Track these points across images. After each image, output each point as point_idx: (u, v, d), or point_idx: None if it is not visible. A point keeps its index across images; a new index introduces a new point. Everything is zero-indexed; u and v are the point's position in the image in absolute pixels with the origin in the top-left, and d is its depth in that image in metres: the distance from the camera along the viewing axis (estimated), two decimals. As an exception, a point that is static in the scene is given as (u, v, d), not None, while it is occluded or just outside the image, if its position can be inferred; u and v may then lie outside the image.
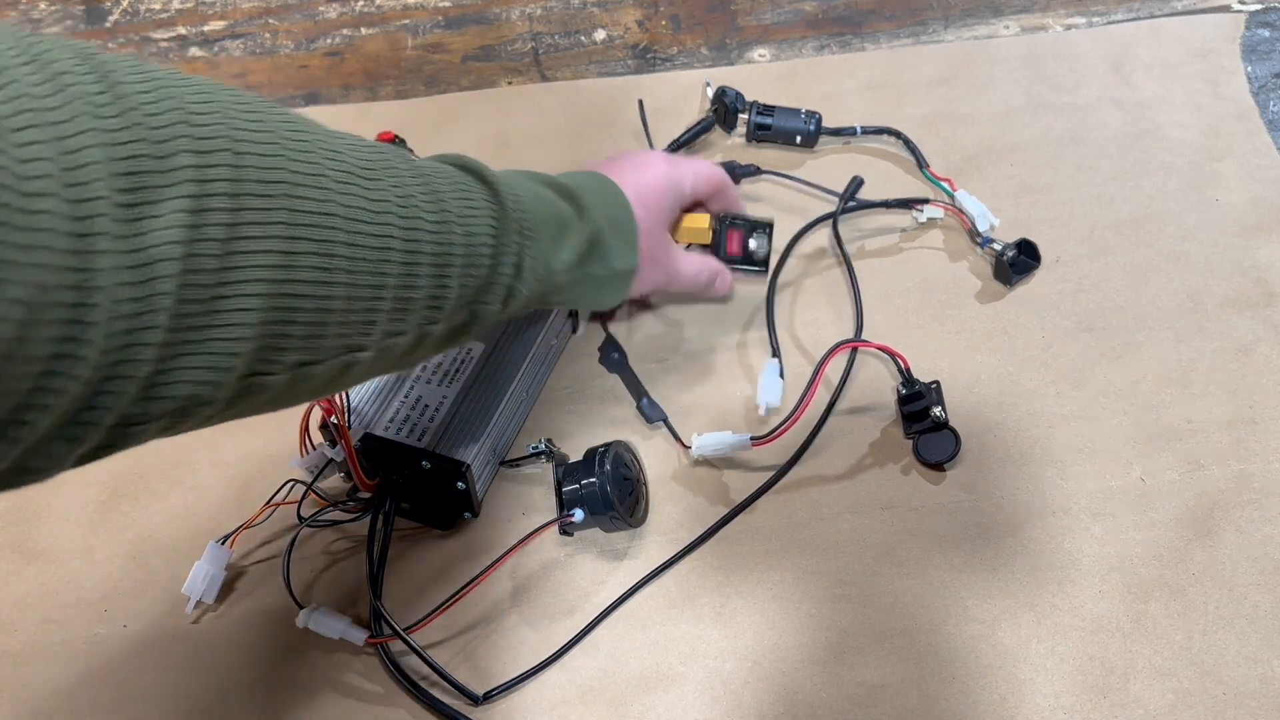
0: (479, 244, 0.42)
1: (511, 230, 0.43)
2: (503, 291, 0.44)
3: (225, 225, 0.31)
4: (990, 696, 0.51)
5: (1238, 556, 0.55)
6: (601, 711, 0.51)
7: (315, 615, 0.53)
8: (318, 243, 0.34)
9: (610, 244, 0.51)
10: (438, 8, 0.86)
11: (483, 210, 0.43)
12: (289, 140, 0.34)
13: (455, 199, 0.42)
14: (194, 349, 0.31)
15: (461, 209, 0.42)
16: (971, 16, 0.84)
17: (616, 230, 0.52)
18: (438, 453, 0.54)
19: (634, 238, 0.53)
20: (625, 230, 0.53)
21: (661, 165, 0.57)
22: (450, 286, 0.41)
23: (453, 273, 0.41)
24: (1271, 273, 0.67)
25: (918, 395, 0.59)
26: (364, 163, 0.37)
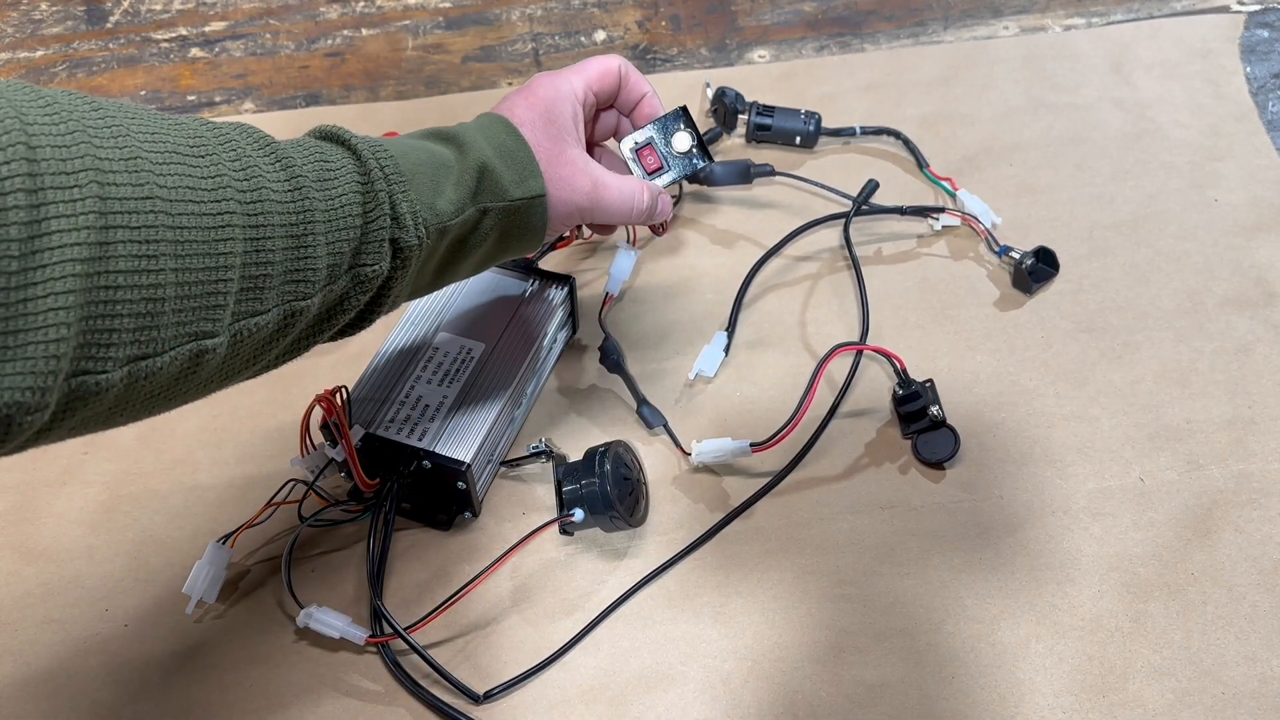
0: (345, 203, 0.41)
1: (378, 180, 0.42)
2: (384, 247, 0.42)
3: (22, 224, 0.29)
4: (990, 696, 0.51)
5: (1237, 556, 0.55)
6: (601, 711, 0.51)
7: (316, 615, 0.53)
8: (135, 229, 0.33)
9: (502, 172, 0.47)
10: (438, 8, 0.87)
11: (343, 168, 0.42)
12: (95, 126, 0.33)
13: (311, 164, 0.40)
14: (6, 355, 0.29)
15: (318, 172, 0.40)
16: (971, 17, 0.84)
17: (507, 157, 0.48)
18: (438, 453, 0.54)
19: (531, 161, 0.49)
20: (517, 155, 0.48)
21: (544, 78, 0.52)
22: (316, 255, 0.39)
23: (315, 240, 0.39)
24: (1271, 273, 0.67)
25: (914, 395, 0.59)
26: (193, 141, 0.36)
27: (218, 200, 0.36)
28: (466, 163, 0.47)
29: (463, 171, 0.46)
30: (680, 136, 0.56)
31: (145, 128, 0.35)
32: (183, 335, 0.35)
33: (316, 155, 0.41)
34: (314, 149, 0.41)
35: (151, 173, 0.34)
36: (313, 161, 0.41)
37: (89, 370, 0.32)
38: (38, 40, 0.85)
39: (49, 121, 0.31)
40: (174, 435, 0.61)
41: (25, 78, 0.82)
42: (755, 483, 0.58)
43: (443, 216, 0.45)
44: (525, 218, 0.49)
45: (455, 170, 0.46)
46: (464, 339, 0.59)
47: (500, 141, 0.48)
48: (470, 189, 0.46)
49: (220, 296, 0.36)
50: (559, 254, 0.68)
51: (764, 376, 0.63)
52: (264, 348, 0.40)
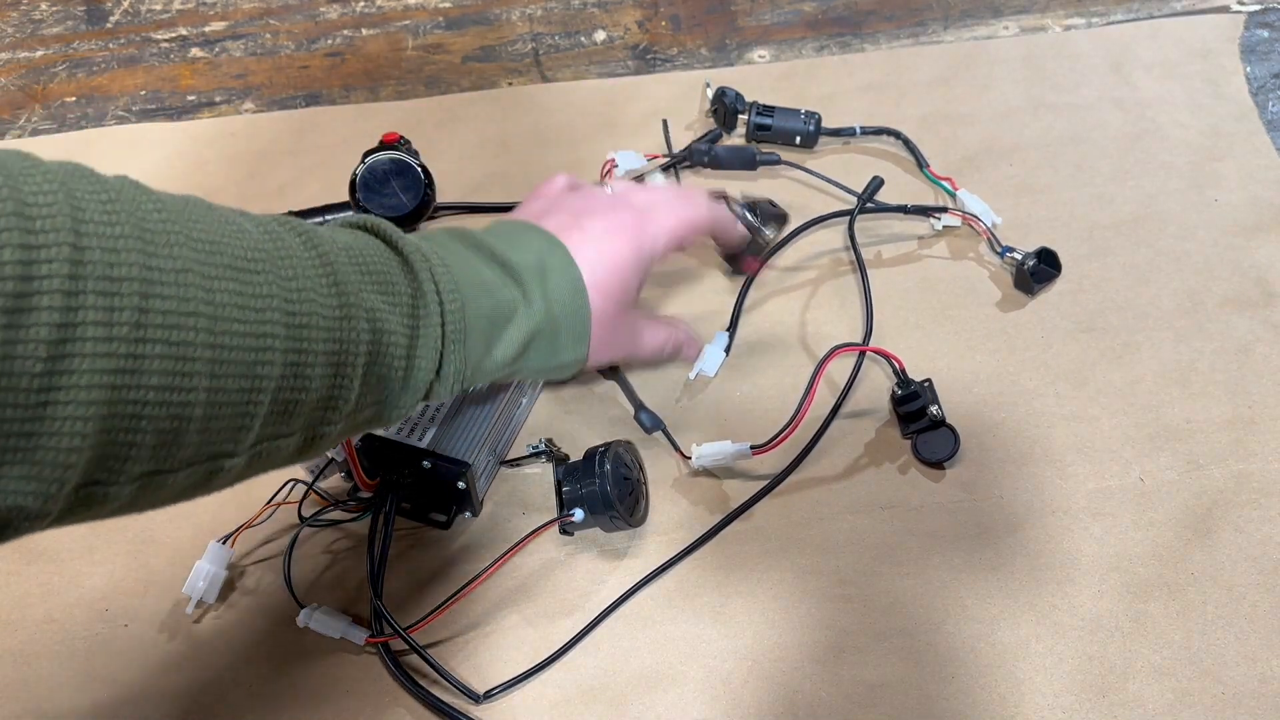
0: (391, 342, 0.39)
1: (432, 333, 0.40)
2: (419, 390, 0.41)
3: (54, 325, 0.28)
4: (990, 696, 0.51)
5: (1237, 556, 0.55)
6: (602, 710, 0.51)
7: (316, 615, 0.53)
8: (172, 344, 0.31)
9: (554, 341, 0.46)
10: (438, 8, 0.87)
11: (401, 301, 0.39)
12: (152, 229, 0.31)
13: (369, 290, 0.38)
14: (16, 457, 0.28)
15: (372, 302, 0.38)
16: (971, 17, 0.84)
17: (566, 323, 0.47)
18: (438, 453, 0.54)
19: (585, 330, 0.48)
20: (576, 323, 0.47)
21: (628, 238, 0.49)
22: (350, 387, 0.38)
23: (353, 372, 0.37)
24: (1271, 273, 0.67)
25: (914, 395, 0.59)
26: (251, 253, 0.35)
27: (262, 321, 0.34)
28: (528, 320, 0.45)
29: (521, 328, 0.45)
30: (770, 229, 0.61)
31: (204, 235, 0.33)
32: (202, 454, 0.34)
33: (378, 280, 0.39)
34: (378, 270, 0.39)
35: (200, 288, 0.32)
36: (372, 287, 0.39)
37: (100, 481, 0.31)
38: (38, 40, 0.85)
39: (104, 220, 0.30)
40: (174, 435, 0.61)
41: (25, 78, 0.82)
42: (755, 483, 0.58)
43: (484, 371, 0.44)
44: (555, 373, 0.49)
45: (516, 325, 0.45)
46: (464, 339, 0.59)
47: (566, 305, 0.47)
48: (519, 349, 0.45)
49: (248, 419, 0.34)
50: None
51: (764, 377, 0.63)
52: (281, 463, 0.38)
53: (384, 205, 0.62)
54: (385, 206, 0.62)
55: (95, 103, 0.80)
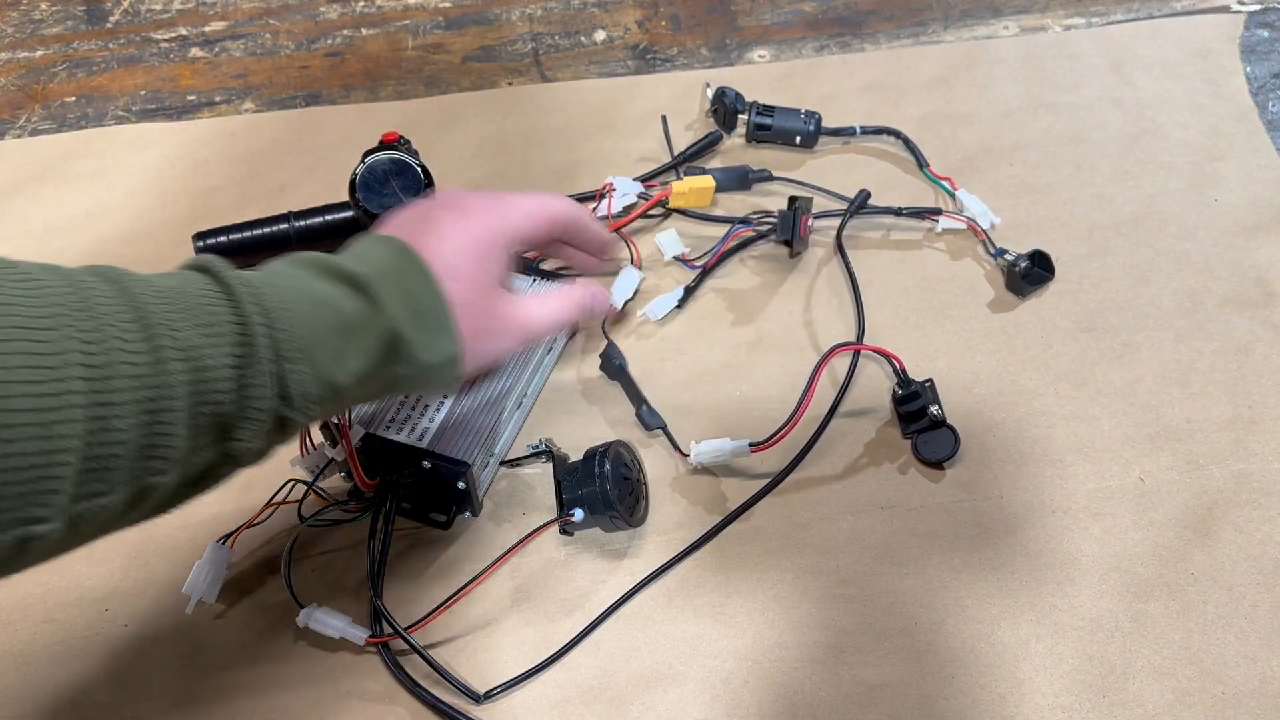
0: (213, 378, 0.36)
1: (264, 359, 0.37)
2: (263, 423, 0.38)
3: None
4: (989, 696, 0.51)
5: (1237, 556, 0.55)
6: (602, 710, 0.51)
7: (316, 615, 0.53)
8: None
9: (414, 339, 0.43)
10: (438, 8, 0.87)
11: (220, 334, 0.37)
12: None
13: (184, 329, 0.36)
14: None
15: (189, 340, 0.36)
16: (971, 17, 0.84)
17: (421, 320, 0.43)
18: (438, 453, 0.54)
19: (446, 322, 0.44)
20: (433, 317, 0.44)
21: (479, 217, 0.48)
22: (174, 433, 0.35)
23: (174, 418, 0.35)
24: (1271, 273, 0.67)
25: (914, 395, 0.59)
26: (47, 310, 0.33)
27: (59, 380, 0.32)
28: (377, 327, 0.41)
29: (372, 338, 0.41)
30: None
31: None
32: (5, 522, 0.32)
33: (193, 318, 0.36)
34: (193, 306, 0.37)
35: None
36: (187, 325, 0.36)
37: None
38: (38, 40, 0.85)
39: None
40: (174, 435, 0.61)
41: (25, 78, 0.82)
42: (755, 483, 0.58)
43: (340, 390, 0.41)
44: (435, 376, 0.45)
45: (363, 334, 0.41)
46: (464, 339, 0.59)
47: (417, 301, 0.43)
48: (377, 358, 0.42)
49: (53, 482, 0.32)
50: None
51: (763, 376, 0.63)
52: (112, 523, 0.36)
53: (384, 205, 0.62)
54: (385, 206, 0.62)
55: (95, 103, 0.80)
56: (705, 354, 0.64)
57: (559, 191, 0.72)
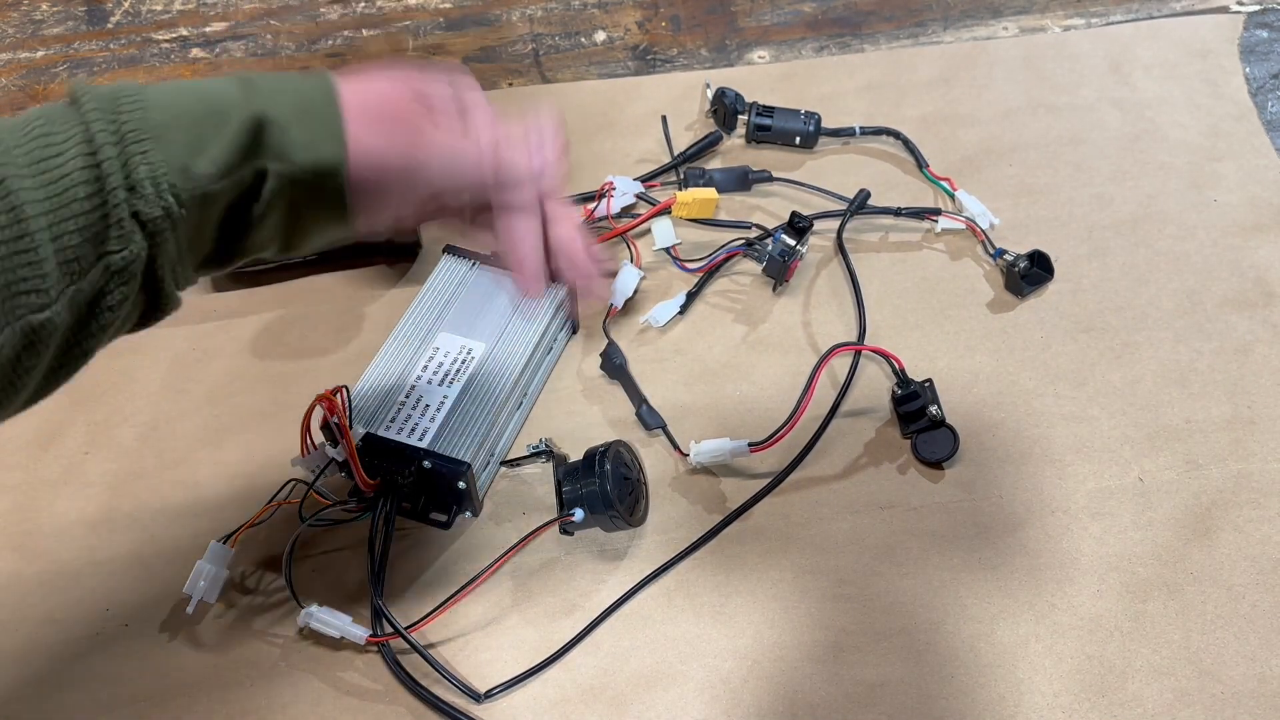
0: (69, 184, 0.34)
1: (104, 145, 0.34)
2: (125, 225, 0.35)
3: None
4: (989, 695, 0.51)
5: (1236, 556, 0.55)
6: (602, 710, 0.51)
7: (317, 614, 0.53)
8: None
9: (288, 128, 0.37)
10: (438, 9, 0.87)
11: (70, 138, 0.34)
12: None
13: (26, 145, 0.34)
14: None
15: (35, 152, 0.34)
16: (970, 17, 0.84)
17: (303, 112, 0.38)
18: (438, 453, 0.54)
19: (334, 124, 0.38)
20: (319, 112, 0.38)
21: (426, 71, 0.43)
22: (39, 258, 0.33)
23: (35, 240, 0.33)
24: (1270, 273, 0.67)
25: (914, 395, 0.59)
26: None
27: None
28: (243, 112, 0.37)
29: (236, 123, 0.37)
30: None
31: None
32: None
33: (39, 132, 0.34)
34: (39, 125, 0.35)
35: None
36: (29, 141, 0.34)
37: None
38: (38, 40, 0.85)
39: None
40: (175, 435, 0.61)
41: (26, 78, 0.82)
42: (755, 483, 0.59)
43: (201, 180, 0.36)
44: (321, 189, 0.39)
45: (231, 120, 0.37)
46: (464, 339, 0.59)
47: (303, 94, 0.39)
48: (242, 144, 0.37)
49: None
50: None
51: (763, 376, 0.63)
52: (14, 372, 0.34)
53: (384, 205, 0.62)
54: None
55: (96, 103, 0.80)
56: (705, 354, 0.64)
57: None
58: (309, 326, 0.66)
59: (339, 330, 0.66)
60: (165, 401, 0.63)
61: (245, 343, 0.65)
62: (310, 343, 0.65)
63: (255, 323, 0.66)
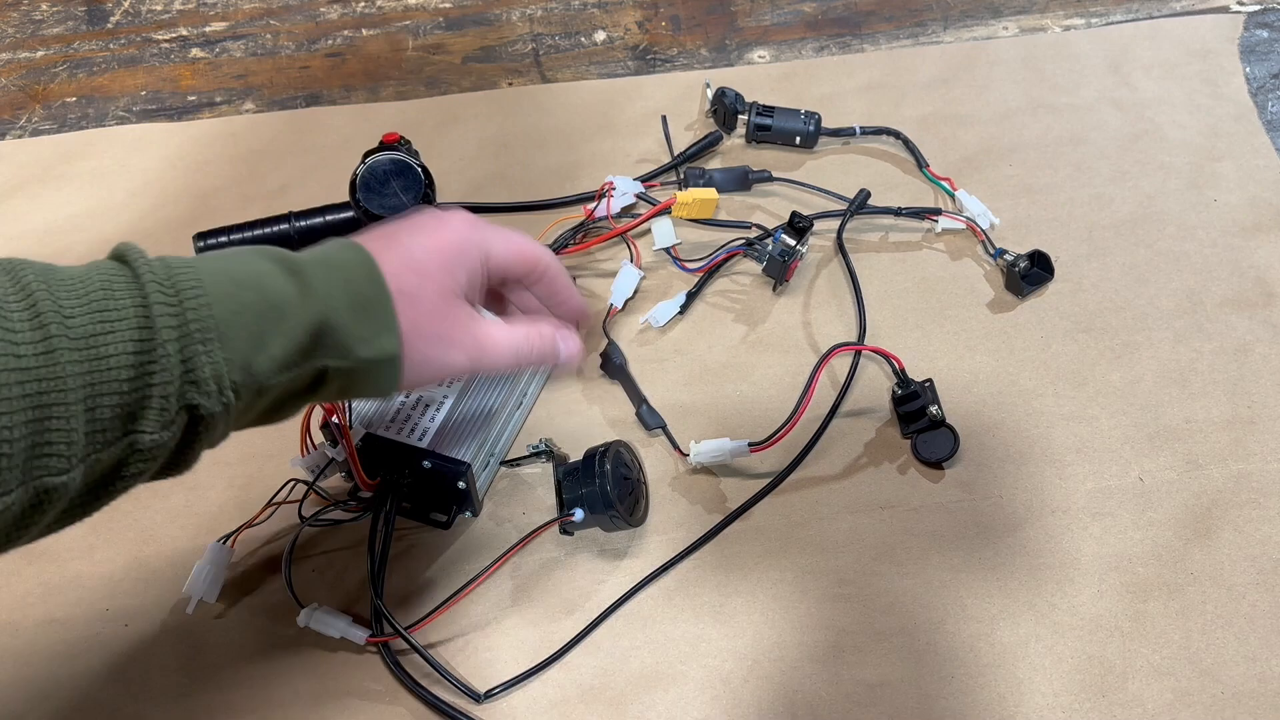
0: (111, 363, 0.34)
1: (167, 339, 0.35)
2: (170, 412, 0.35)
3: None
4: (989, 695, 0.51)
5: (1236, 556, 0.55)
6: (602, 710, 0.51)
7: (316, 614, 0.53)
8: None
9: (347, 329, 0.40)
10: (438, 9, 0.87)
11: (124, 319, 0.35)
12: None
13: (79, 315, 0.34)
14: None
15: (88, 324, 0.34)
16: (970, 18, 0.84)
17: (359, 309, 0.40)
18: (438, 453, 0.54)
19: (388, 317, 0.41)
20: (374, 307, 0.41)
21: (457, 225, 0.46)
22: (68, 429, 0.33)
23: (68, 411, 0.33)
24: (1270, 273, 0.67)
25: (914, 395, 0.59)
26: None
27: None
28: (305, 311, 0.39)
29: (298, 322, 0.38)
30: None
31: None
32: None
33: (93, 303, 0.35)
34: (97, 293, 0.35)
35: None
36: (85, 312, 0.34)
37: None
38: (38, 40, 0.85)
39: None
40: (174, 435, 0.61)
41: (26, 78, 0.82)
42: (755, 483, 0.59)
43: (262, 377, 0.38)
44: (372, 379, 0.41)
45: (289, 318, 0.38)
46: (464, 339, 0.59)
47: (356, 292, 0.41)
48: (303, 345, 0.39)
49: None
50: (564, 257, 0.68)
51: (763, 376, 0.63)
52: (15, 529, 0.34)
53: (384, 206, 0.62)
54: (385, 207, 0.62)
55: (96, 103, 0.80)
56: (705, 354, 0.64)
57: (560, 192, 0.72)
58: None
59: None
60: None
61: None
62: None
63: (255, 323, 0.66)
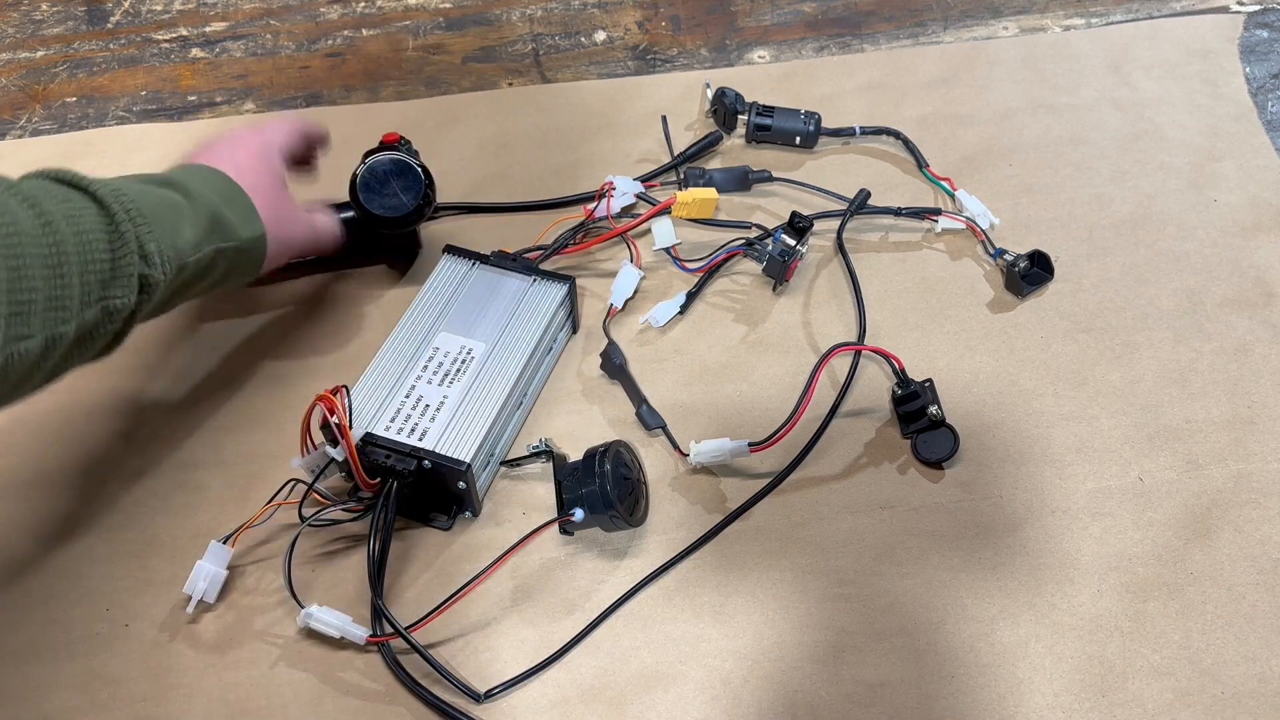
0: (92, 239, 0.44)
1: (122, 221, 0.46)
2: (133, 281, 0.46)
3: None
4: (989, 695, 0.51)
5: (1236, 556, 0.55)
6: (602, 710, 0.51)
7: (316, 614, 0.53)
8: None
9: (230, 217, 0.54)
10: (438, 9, 0.87)
11: (88, 209, 0.45)
12: None
13: (57, 203, 0.44)
14: None
15: (65, 210, 0.44)
16: (970, 18, 0.84)
17: (229, 203, 0.54)
18: (438, 453, 0.54)
19: (251, 206, 0.56)
20: (238, 201, 0.55)
21: (251, 137, 0.60)
22: (70, 285, 0.43)
23: (68, 271, 0.43)
24: (1270, 273, 0.67)
25: (914, 395, 0.59)
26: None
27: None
28: (198, 207, 0.52)
29: (196, 215, 0.51)
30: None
31: None
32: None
33: (61, 196, 0.45)
34: (56, 190, 0.45)
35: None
36: (58, 201, 0.44)
37: None
38: (38, 40, 0.85)
39: None
40: (175, 435, 0.61)
41: (26, 78, 0.82)
42: (755, 483, 0.59)
43: (183, 254, 0.50)
44: (250, 255, 0.56)
45: (189, 214, 0.51)
46: (465, 339, 0.59)
47: (222, 190, 0.55)
48: (206, 230, 0.52)
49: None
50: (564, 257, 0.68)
51: (763, 376, 0.63)
52: (30, 373, 0.43)
53: (384, 205, 0.62)
54: (385, 207, 0.62)
55: (96, 103, 0.80)
56: (705, 354, 0.64)
57: (560, 192, 0.72)
58: (309, 326, 0.66)
59: (339, 330, 0.66)
60: (165, 401, 0.63)
61: (245, 343, 0.65)
62: (310, 343, 0.65)
63: (255, 322, 0.66)
